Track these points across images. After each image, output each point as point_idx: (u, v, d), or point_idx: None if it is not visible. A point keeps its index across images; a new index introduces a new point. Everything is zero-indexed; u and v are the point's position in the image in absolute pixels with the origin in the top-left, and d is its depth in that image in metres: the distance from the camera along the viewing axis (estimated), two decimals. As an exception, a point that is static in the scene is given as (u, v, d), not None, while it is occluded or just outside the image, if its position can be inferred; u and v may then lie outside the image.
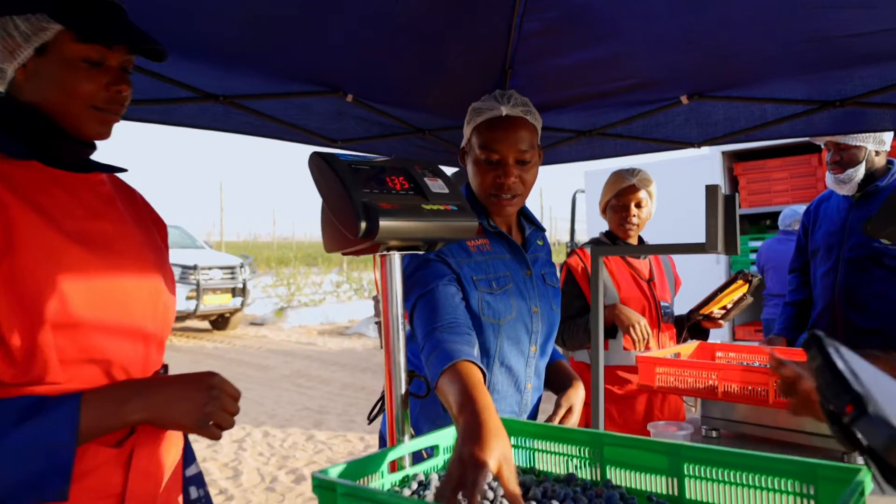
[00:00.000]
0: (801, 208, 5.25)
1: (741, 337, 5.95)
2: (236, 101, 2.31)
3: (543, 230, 1.80)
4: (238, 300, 10.80)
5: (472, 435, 0.94)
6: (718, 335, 5.63)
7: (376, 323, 1.35)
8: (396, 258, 1.19)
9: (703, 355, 2.36)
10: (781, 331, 2.71)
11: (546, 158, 3.31)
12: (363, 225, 1.05)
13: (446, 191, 1.23)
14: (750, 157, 6.08)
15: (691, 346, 2.36)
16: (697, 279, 6.31)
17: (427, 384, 1.24)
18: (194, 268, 10.20)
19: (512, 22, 2.26)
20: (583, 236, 8.88)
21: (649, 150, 3.05)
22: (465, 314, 1.40)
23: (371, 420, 1.42)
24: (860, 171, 2.45)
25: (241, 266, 10.97)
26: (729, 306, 2.50)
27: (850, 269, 2.45)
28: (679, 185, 6.54)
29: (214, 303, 10.42)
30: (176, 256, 10.44)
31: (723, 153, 6.02)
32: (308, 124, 2.63)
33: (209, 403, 1.03)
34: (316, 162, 1.13)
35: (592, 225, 7.56)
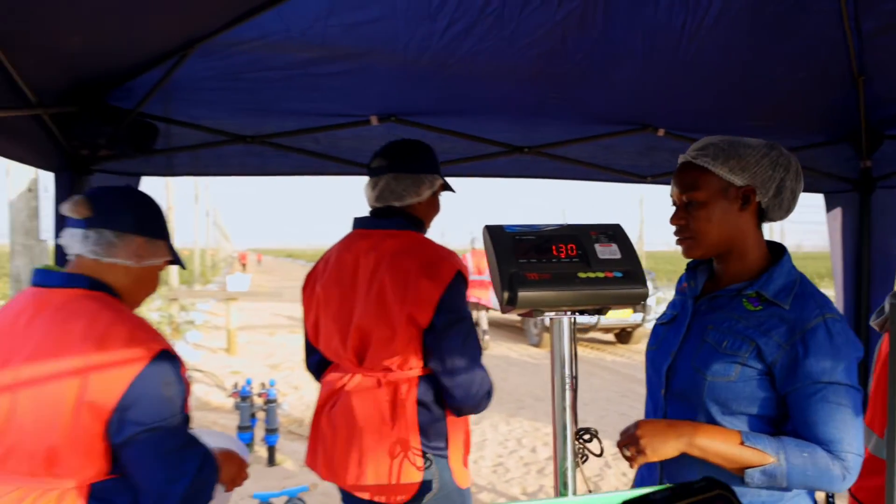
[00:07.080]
0: None
1: None
2: (543, 150, 2.54)
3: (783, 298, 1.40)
4: (639, 315, 10.89)
5: None
6: None
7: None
8: (565, 323, 1.24)
9: None
10: None
11: None
12: (506, 295, 1.15)
13: (617, 256, 1.23)
14: None
15: None
16: None
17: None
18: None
19: (844, 25, 2.04)
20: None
21: None
22: None
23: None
24: None
25: None
26: None
27: None
28: None
29: (616, 317, 10.76)
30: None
31: None
32: (616, 163, 2.68)
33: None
34: (485, 235, 1.27)
35: None
